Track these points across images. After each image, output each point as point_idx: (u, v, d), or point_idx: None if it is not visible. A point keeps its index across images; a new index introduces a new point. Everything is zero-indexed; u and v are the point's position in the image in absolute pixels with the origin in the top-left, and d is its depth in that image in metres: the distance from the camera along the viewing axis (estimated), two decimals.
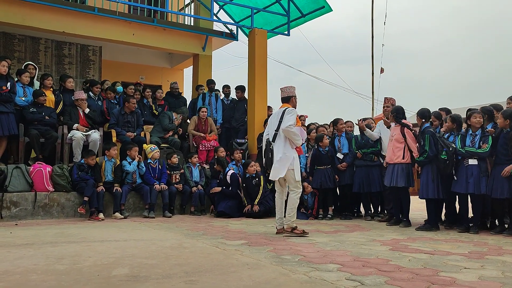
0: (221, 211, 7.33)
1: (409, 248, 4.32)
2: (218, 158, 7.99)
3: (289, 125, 5.13)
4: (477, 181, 5.50)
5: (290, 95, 5.41)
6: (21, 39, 9.92)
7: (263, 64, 9.76)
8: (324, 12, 10.26)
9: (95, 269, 3.19)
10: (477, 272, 3.23)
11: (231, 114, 9.87)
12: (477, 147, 5.56)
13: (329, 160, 7.32)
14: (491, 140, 5.49)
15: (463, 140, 5.73)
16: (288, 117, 5.20)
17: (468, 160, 5.61)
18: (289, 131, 5.15)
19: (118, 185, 7.14)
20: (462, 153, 5.66)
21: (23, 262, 3.42)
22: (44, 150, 7.26)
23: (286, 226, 5.24)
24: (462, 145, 5.70)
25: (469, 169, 5.59)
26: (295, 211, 5.24)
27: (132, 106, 8.18)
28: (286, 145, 5.22)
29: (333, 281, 2.91)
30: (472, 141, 5.62)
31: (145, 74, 12.31)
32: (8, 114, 6.82)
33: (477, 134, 5.62)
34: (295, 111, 5.27)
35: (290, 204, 5.22)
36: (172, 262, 3.48)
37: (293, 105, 5.43)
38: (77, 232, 5.24)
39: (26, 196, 6.57)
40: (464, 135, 5.77)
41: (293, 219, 5.21)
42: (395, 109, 6.48)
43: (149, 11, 10.73)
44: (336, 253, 3.96)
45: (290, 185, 5.25)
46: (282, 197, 5.40)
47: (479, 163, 5.53)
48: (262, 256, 3.79)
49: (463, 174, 5.64)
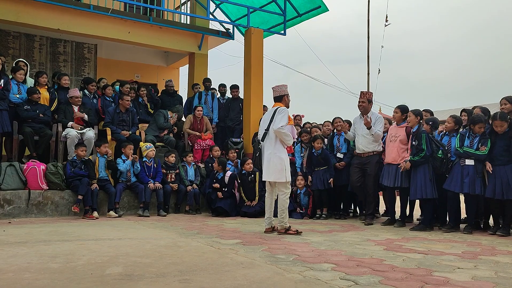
0: (220, 207, 7.37)
1: (403, 248, 4.34)
2: (220, 159, 7.98)
3: (280, 126, 5.12)
4: (472, 181, 5.51)
5: (282, 94, 5.39)
6: (15, 36, 9.87)
7: (259, 64, 9.76)
8: (320, 12, 10.27)
9: (89, 268, 3.17)
10: (471, 272, 3.24)
11: (226, 113, 9.87)
12: (475, 148, 5.56)
13: (322, 162, 7.28)
14: (490, 143, 5.48)
15: (462, 140, 5.73)
16: (280, 117, 5.18)
17: (465, 160, 5.62)
18: (280, 132, 5.15)
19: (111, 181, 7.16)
20: (460, 152, 5.66)
21: (16, 261, 3.40)
22: (38, 148, 7.22)
23: (279, 227, 5.23)
24: (460, 144, 5.71)
25: (465, 169, 5.59)
26: (286, 212, 5.23)
27: (126, 103, 8.14)
28: (277, 145, 5.22)
29: (327, 280, 2.91)
30: (471, 142, 5.62)
31: (140, 72, 12.28)
32: (2, 112, 6.76)
33: (477, 136, 5.62)
34: (286, 111, 5.25)
35: (280, 205, 5.22)
36: (167, 261, 3.47)
37: (286, 104, 5.41)
38: (71, 230, 5.22)
39: (20, 194, 6.54)
40: (463, 135, 5.77)
41: (286, 219, 5.22)
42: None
43: (145, 9, 10.69)
44: (330, 253, 3.97)
45: (279, 186, 5.25)
46: (272, 197, 5.39)
47: (476, 164, 5.55)
48: (257, 255, 3.79)
49: (458, 173, 5.64)
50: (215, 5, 11.20)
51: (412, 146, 6.00)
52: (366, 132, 6.58)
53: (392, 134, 6.40)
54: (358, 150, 6.75)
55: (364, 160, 6.63)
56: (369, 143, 6.61)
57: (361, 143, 6.68)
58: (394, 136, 6.34)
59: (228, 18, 11.34)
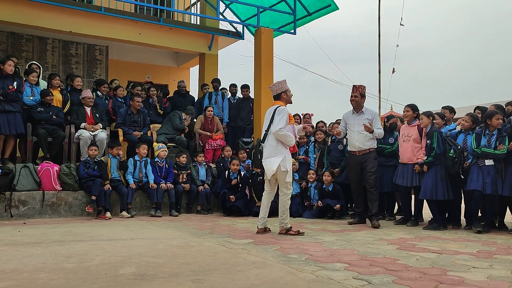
0: (235, 205, 7.38)
1: (417, 247, 4.30)
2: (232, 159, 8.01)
3: (279, 128, 4.98)
4: (494, 181, 5.41)
5: (280, 92, 5.22)
6: (28, 39, 10.00)
7: (269, 63, 9.75)
8: (330, 11, 10.23)
9: (102, 268, 3.20)
10: (486, 271, 3.20)
11: (237, 113, 9.88)
12: (493, 147, 5.46)
13: (333, 197, 7.13)
14: (507, 140, 5.38)
15: (478, 139, 5.62)
16: (279, 118, 5.03)
17: (484, 160, 5.51)
18: (279, 135, 5.01)
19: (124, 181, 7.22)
20: (477, 153, 5.55)
21: (32, 261, 3.44)
22: (52, 149, 7.30)
23: (280, 228, 5.15)
24: (477, 144, 5.60)
25: (485, 170, 5.48)
26: (287, 213, 5.13)
27: (136, 104, 8.20)
28: (278, 146, 5.08)
29: (340, 280, 2.89)
30: (489, 141, 5.51)
31: (151, 73, 12.34)
32: (15, 114, 6.85)
33: (493, 134, 5.51)
34: (285, 111, 5.08)
35: (281, 206, 5.13)
36: (179, 261, 3.49)
37: (287, 100, 5.26)
38: (84, 231, 5.27)
39: (34, 195, 6.62)
40: (479, 134, 5.66)
41: (286, 220, 5.12)
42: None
43: (155, 11, 10.75)
44: (343, 252, 3.95)
45: (281, 186, 5.14)
46: (269, 197, 5.28)
47: (495, 164, 5.45)
48: (269, 255, 3.79)
49: (479, 173, 5.51)
50: (225, 5, 11.22)
51: (426, 146, 5.95)
52: (362, 129, 6.11)
53: (405, 134, 6.32)
54: (353, 147, 6.25)
55: (361, 159, 6.18)
56: (366, 140, 6.14)
57: (357, 140, 6.18)
58: (407, 136, 6.27)
59: (238, 18, 11.36)
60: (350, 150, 6.34)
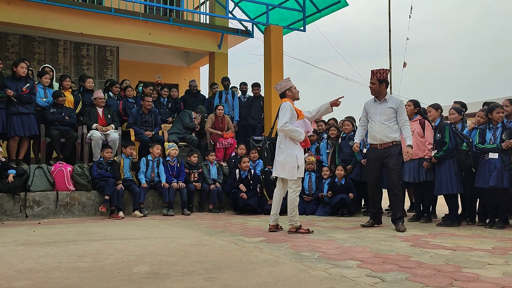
0: (248, 204, 7.39)
1: (430, 244, 4.26)
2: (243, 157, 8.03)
3: (283, 123, 4.92)
4: (500, 174, 5.36)
5: (284, 90, 5.20)
6: (40, 41, 10.11)
7: (279, 61, 9.74)
8: (340, 7, 10.18)
9: (116, 267, 3.23)
10: (501, 268, 3.16)
11: (247, 111, 9.88)
12: (499, 141, 5.42)
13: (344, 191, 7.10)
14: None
15: (482, 135, 5.60)
16: (282, 114, 4.99)
17: (488, 154, 5.48)
18: (284, 130, 4.96)
19: (136, 182, 7.27)
20: (480, 148, 5.55)
21: (47, 260, 3.49)
22: (65, 150, 7.38)
23: (290, 226, 5.10)
24: (481, 140, 5.58)
25: (490, 163, 5.45)
26: (296, 210, 5.07)
27: (147, 104, 8.25)
28: (287, 142, 5.03)
29: (353, 277, 2.88)
30: (494, 135, 5.49)
31: (161, 73, 12.39)
32: (29, 115, 6.94)
33: (498, 127, 5.49)
34: (288, 106, 5.03)
35: (290, 203, 5.05)
36: (192, 259, 3.50)
37: (292, 97, 5.21)
38: (98, 230, 5.32)
39: (48, 196, 6.70)
40: (483, 129, 5.63)
41: (296, 218, 5.06)
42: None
43: (164, 10, 10.80)
44: (355, 250, 3.93)
45: (290, 183, 5.07)
46: (281, 194, 5.23)
47: (501, 156, 5.40)
48: (281, 253, 3.78)
49: (485, 168, 5.50)
50: (234, 3, 11.22)
51: (436, 141, 5.87)
52: (384, 119, 5.39)
53: None
54: (374, 140, 5.49)
55: (383, 153, 5.41)
56: (390, 132, 5.38)
57: (378, 132, 5.41)
58: (411, 130, 6.20)
59: (247, 16, 11.35)
60: (371, 143, 5.60)
